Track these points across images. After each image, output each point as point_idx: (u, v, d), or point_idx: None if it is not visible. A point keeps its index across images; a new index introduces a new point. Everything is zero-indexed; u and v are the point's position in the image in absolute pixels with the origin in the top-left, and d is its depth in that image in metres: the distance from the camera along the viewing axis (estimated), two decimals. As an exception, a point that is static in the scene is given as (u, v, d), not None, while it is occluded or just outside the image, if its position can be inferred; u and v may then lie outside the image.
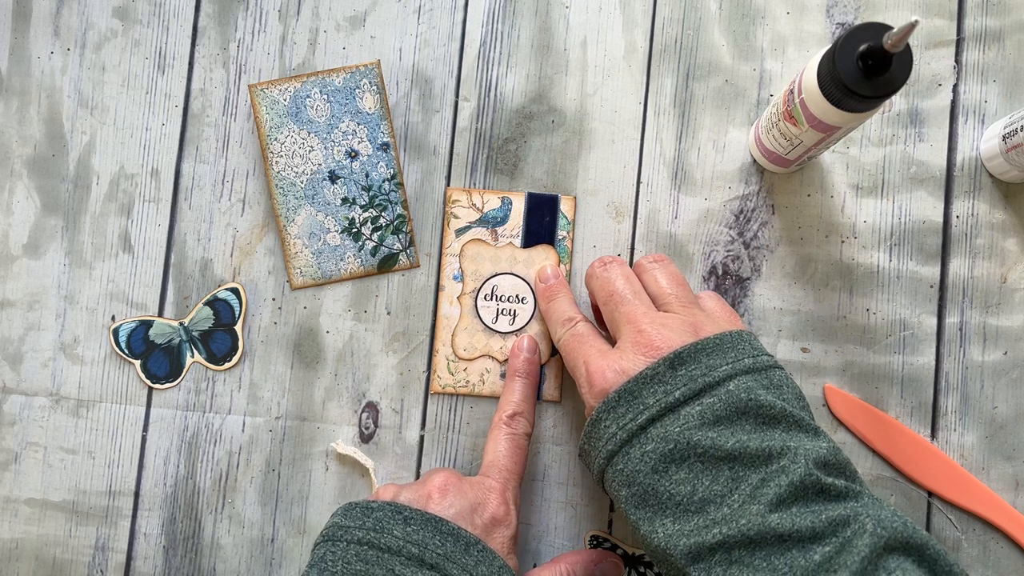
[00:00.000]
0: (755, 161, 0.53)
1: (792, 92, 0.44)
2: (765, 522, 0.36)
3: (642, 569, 0.51)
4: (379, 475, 0.52)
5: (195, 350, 0.53)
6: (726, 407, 0.39)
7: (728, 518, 0.37)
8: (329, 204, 0.53)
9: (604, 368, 0.42)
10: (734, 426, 0.39)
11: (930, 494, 0.51)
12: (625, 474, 0.40)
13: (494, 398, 0.53)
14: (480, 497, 0.45)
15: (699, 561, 0.37)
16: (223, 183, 0.54)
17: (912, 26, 0.35)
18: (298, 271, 0.53)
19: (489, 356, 0.53)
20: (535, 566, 0.52)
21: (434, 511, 0.43)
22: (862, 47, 0.38)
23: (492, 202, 0.53)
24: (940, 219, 0.53)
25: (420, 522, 0.42)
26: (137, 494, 0.53)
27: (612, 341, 0.46)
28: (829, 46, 0.40)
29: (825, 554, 0.36)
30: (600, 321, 0.50)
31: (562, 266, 0.53)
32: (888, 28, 0.37)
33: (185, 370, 0.53)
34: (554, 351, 0.52)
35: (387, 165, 0.54)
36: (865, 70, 0.38)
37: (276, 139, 0.53)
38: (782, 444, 0.38)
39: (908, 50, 0.38)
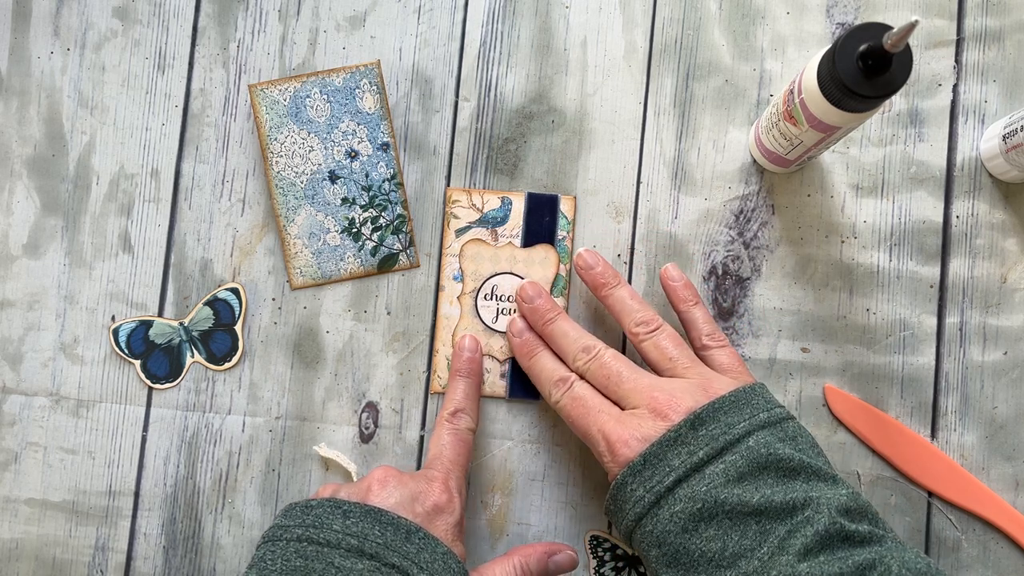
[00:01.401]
0: (755, 161, 0.53)
1: (792, 92, 0.44)
2: (795, 571, 0.38)
3: (642, 569, 0.51)
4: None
5: (195, 350, 0.53)
6: (748, 463, 0.41)
7: (759, 570, 0.39)
8: (329, 204, 0.53)
9: (626, 437, 0.43)
10: (757, 481, 0.40)
11: (930, 494, 0.51)
12: (655, 535, 0.41)
13: (494, 398, 0.53)
14: (421, 487, 0.45)
15: None
16: (223, 183, 0.54)
17: (912, 26, 0.35)
18: (298, 271, 0.53)
19: (489, 356, 0.53)
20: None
21: (373, 503, 0.43)
22: (862, 47, 0.38)
23: (492, 202, 0.53)
24: (940, 219, 0.53)
25: (359, 515, 0.42)
26: (137, 494, 0.53)
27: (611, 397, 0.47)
28: (829, 46, 0.40)
29: None
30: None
31: (562, 265, 0.53)
32: (888, 28, 0.37)
33: (185, 370, 0.53)
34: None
35: (387, 165, 0.54)
36: (865, 70, 0.38)
37: (276, 139, 0.53)
38: (805, 495, 0.40)
39: (908, 50, 0.38)
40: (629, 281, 0.53)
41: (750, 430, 0.42)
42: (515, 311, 0.53)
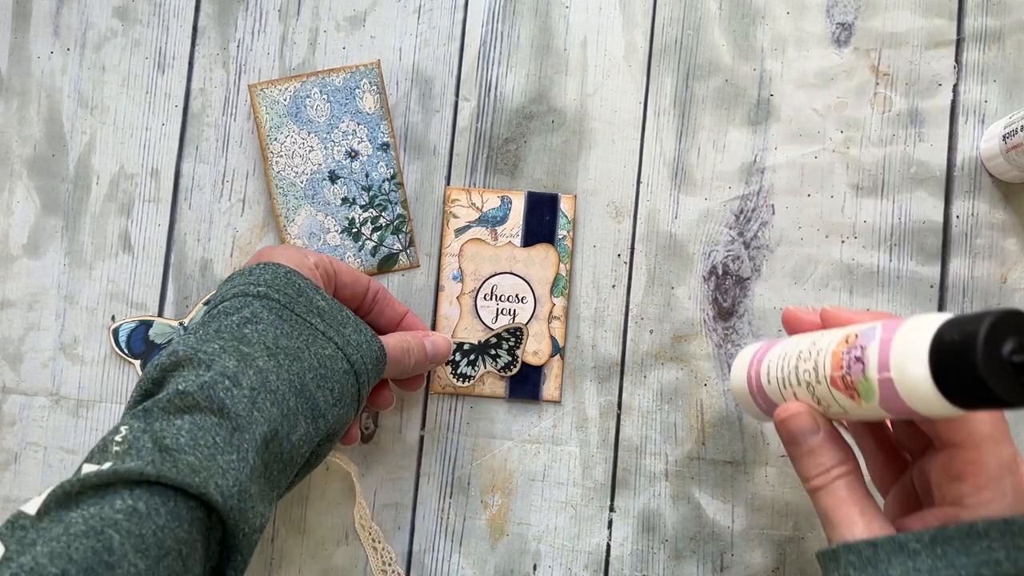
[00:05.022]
0: (738, 405, 0.51)
1: (860, 361, 0.34)
2: None
3: (492, 352, 0.52)
4: (368, 479, 0.52)
5: (195, 350, 0.53)
6: None
7: None
8: (329, 204, 0.53)
9: None
10: None
11: (930, 494, 0.51)
12: None
13: (494, 398, 0.53)
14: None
15: None
16: (223, 183, 0.54)
17: None
18: (298, 271, 0.53)
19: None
20: (535, 567, 0.52)
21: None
22: (1010, 344, 0.29)
23: (492, 201, 0.53)
24: (940, 219, 0.53)
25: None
26: (137, 494, 0.53)
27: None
28: (942, 319, 0.31)
29: None
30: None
31: (563, 265, 0.53)
32: None
33: (185, 370, 0.53)
34: (555, 351, 0.52)
35: (387, 165, 0.54)
36: (1016, 372, 0.29)
37: (276, 139, 0.53)
38: None
39: None
40: (629, 281, 0.53)
41: None
42: (514, 311, 0.53)
